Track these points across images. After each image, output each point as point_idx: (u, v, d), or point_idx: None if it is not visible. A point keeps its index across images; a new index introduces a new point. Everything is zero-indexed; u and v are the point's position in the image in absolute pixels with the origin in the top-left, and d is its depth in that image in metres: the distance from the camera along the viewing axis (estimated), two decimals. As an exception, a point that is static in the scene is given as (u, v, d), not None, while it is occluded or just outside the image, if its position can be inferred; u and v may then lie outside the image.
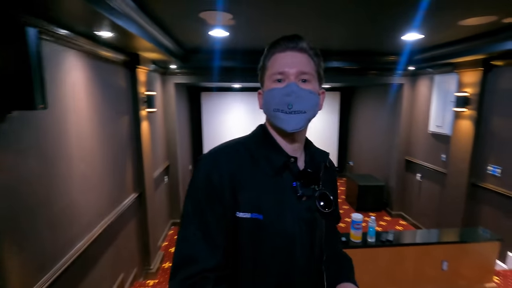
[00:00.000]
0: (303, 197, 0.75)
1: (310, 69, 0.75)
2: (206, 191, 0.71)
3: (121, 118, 2.72)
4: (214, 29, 2.62)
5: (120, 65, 2.73)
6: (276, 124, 0.74)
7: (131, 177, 2.93)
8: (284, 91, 0.72)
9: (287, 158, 0.76)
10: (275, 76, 0.74)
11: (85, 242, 2.01)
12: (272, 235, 0.71)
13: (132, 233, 2.98)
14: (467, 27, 2.54)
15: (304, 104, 0.73)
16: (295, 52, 0.74)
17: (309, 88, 0.74)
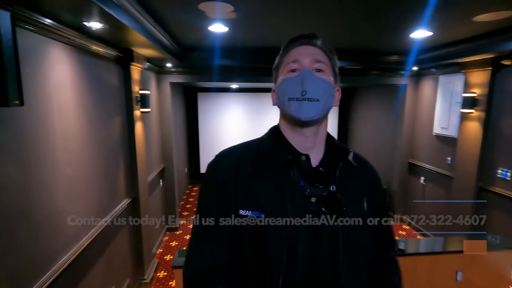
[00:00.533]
0: (312, 197, 0.69)
1: (324, 59, 0.74)
2: (211, 190, 0.73)
3: (112, 118, 2.54)
4: (213, 23, 2.46)
5: (112, 61, 2.55)
6: (290, 113, 0.70)
7: (123, 182, 2.74)
8: (297, 78, 0.70)
9: (296, 155, 0.72)
10: (289, 66, 0.73)
11: (72, 254, 1.81)
12: (271, 235, 0.67)
13: (124, 242, 2.78)
14: (479, 24, 2.41)
15: (318, 92, 0.69)
16: (309, 46, 0.74)
17: (322, 77, 0.71)
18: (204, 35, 2.80)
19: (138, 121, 2.93)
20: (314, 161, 0.73)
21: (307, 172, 0.71)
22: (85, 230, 2.02)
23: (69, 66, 1.87)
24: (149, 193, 3.53)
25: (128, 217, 2.85)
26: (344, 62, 3.96)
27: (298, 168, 0.71)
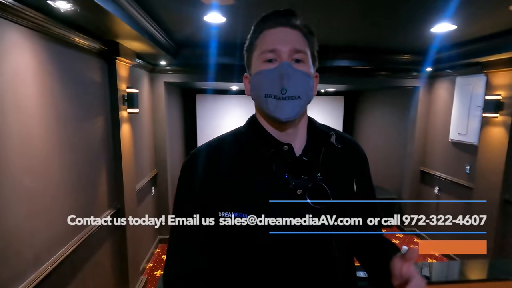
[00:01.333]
0: (297, 190, 0.65)
1: (304, 47, 0.66)
2: (187, 192, 0.68)
3: (92, 119, 2.22)
4: (209, 12, 2.16)
5: (94, 54, 2.25)
6: (268, 112, 0.65)
7: (105, 191, 2.42)
8: (276, 73, 0.63)
9: (277, 146, 0.67)
10: (265, 55, 0.65)
11: (30, 283, 1.48)
12: (258, 235, 0.62)
13: (106, 259, 2.45)
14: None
15: (299, 88, 0.63)
16: (287, 29, 0.66)
17: (303, 69, 0.65)
18: (199, 27, 2.50)
19: (124, 123, 2.62)
20: (297, 150, 0.69)
21: (291, 163, 0.67)
22: (49, 252, 1.69)
23: (32, 55, 1.56)
24: (138, 202, 3.21)
25: (111, 230, 2.52)
26: (349, 61, 3.66)
27: (280, 160, 0.66)
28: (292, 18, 0.67)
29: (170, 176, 4.23)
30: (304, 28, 0.68)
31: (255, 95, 0.67)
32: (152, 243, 3.88)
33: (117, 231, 2.63)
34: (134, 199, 2.93)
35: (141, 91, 3.32)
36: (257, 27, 0.69)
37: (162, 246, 4.06)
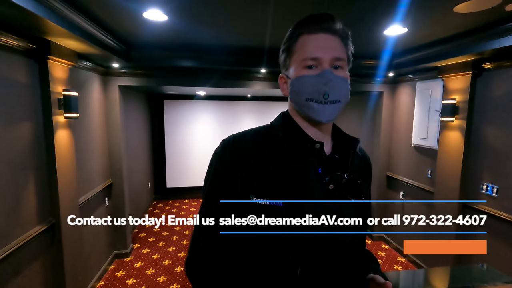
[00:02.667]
0: (330, 184, 0.69)
1: (343, 54, 0.70)
2: (220, 178, 0.71)
3: (14, 124, 1.98)
4: (147, 9, 2.00)
5: (19, 53, 2.03)
6: (309, 114, 0.70)
7: (34, 205, 2.16)
8: (319, 80, 0.67)
9: (311, 143, 0.71)
10: (307, 62, 0.68)
11: None
12: (292, 223, 0.65)
13: (34, 284, 2.18)
14: (460, 17, 2.09)
15: (340, 93, 0.69)
16: (328, 35, 0.68)
17: (342, 76, 0.69)
18: (140, 24, 2.33)
19: (61, 129, 2.39)
20: (326, 149, 0.74)
21: (324, 160, 0.71)
22: None
23: None
24: (85, 215, 2.94)
25: (42, 250, 2.25)
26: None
27: (314, 156, 0.70)
28: (332, 23, 0.68)
29: (128, 186, 3.97)
30: (342, 33, 0.70)
31: (295, 98, 0.71)
32: (106, 259, 3.59)
33: (51, 248, 2.36)
34: (76, 211, 2.67)
35: (89, 95, 3.09)
36: (296, 30, 0.70)
37: (118, 262, 3.77)
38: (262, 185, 0.67)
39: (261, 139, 0.72)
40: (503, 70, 2.62)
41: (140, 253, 4.00)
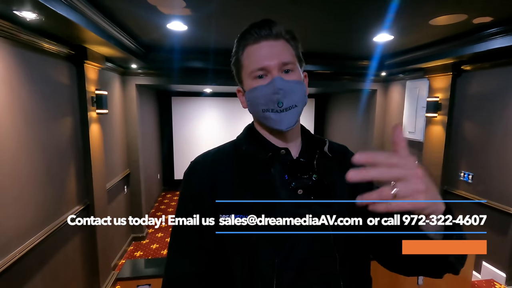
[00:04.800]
0: (298, 189, 0.66)
1: (290, 56, 0.67)
2: (188, 199, 0.69)
3: (61, 119, 2.36)
4: (171, 21, 2.37)
5: (62, 58, 2.39)
6: (269, 125, 0.68)
7: (74, 187, 2.55)
8: (270, 89, 0.65)
9: (275, 151, 0.69)
10: (256, 73, 0.67)
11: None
12: (260, 237, 0.62)
13: (76, 252, 2.57)
14: (437, 28, 2.45)
15: (294, 98, 0.66)
16: (270, 41, 0.66)
17: (294, 79, 0.67)
18: (163, 34, 2.69)
19: (94, 123, 2.76)
20: (294, 153, 0.72)
21: (289, 165, 0.69)
22: (18, 241, 1.82)
23: (0, 61, 1.71)
24: (110, 199, 3.34)
25: (80, 226, 2.65)
26: (316, 66, 3.97)
27: (279, 163, 0.68)
28: (272, 28, 0.67)
29: (143, 176, 4.36)
30: (286, 35, 0.68)
31: (252, 111, 0.70)
32: (125, 241, 3.99)
33: (87, 227, 2.76)
34: (105, 196, 3.06)
35: (112, 93, 3.46)
36: (240, 43, 0.69)
37: (135, 244, 4.18)
38: (228, 201, 0.65)
39: (225, 155, 0.72)
40: (480, 72, 2.99)
41: (155, 236, 4.40)
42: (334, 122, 6.64)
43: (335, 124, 6.59)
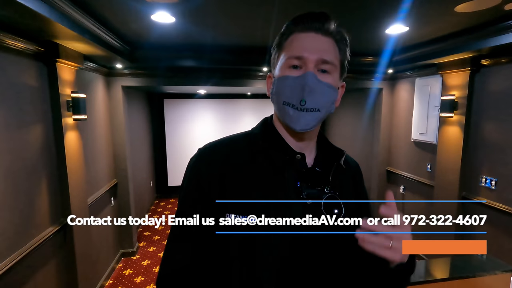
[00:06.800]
0: (308, 199, 0.63)
1: (333, 57, 0.63)
2: (193, 189, 0.65)
3: (27, 127, 2.01)
4: (156, 11, 2.03)
5: (30, 57, 2.04)
6: (284, 120, 0.64)
7: (46, 206, 2.20)
8: (298, 82, 0.61)
9: (291, 154, 0.65)
10: (291, 61, 0.62)
11: None
12: (263, 242, 0.60)
13: (49, 283, 2.22)
14: (462, 16, 2.15)
15: (320, 101, 0.62)
16: (319, 35, 0.62)
17: (328, 82, 0.62)
18: (148, 27, 2.36)
19: (70, 130, 2.41)
20: (308, 160, 0.69)
21: (304, 173, 0.66)
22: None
23: None
24: (94, 215, 2.98)
25: (55, 250, 2.29)
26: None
27: (293, 169, 0.65)
28: (325, 23, 0.63)
29: (133, 185, 4.01)
30: (337, 35, 0.64)
31: (274, 99, 0.66)
32: (113, 258, 3.63)
33: (63, 248, 2.40)
34: (86, 212, 2.71)
35: (94, 96, 3.11)
36: (288, 28, 0.65)
37: (124, 260, 3.82)
38: (236, 199, 0.62)
39: (238, 148, 0.67)
40: (501, 67, 2.70)
41: (146, 251, 4.04)
42: (335, 123, 6.34)
43: (336, 126, 6.28)
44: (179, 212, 0.66)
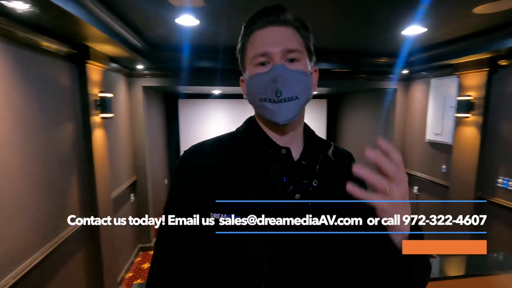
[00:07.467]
0: (296, 194, 0.62)
1: (297, 45, 0.63)
2: (179, 191, 0.64)
3: (61, 124, 2.14)
4: (181, 14, 2.13)
5: (63, 58, 2.18)
6: (264, 116, 0.63)
7: (76, 200, 2.33)
8: (269, 76, 0.60)
9: (275, 149, 0.65)
10: (257, 59, 0.62)
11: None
12: (251, 240, 0.58)
13: (79, 270, 2.35)
14: (480, 18, 2.17)
15: (295, 88, 0.61)
16: (277, 27, 0.63)
17: (298, 68, 0.62)
18: (172, 29, 2.46)
19: (97, 128, 2.54)
20: (295, 154, 0.67)
21: (289, 167, 0.65)
22: (12, 264, 1.60)
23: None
24: (116, 209, 3.12)
25: (84, 241, 2.42)
26: (330, 64, 3.71)
27: (279, 163, 0.64)
28: (281, 14, 0.63)
29: (151, 183, 4.14)
30: (296, 23, 0.64)
31: (250, 100, 0.66)
32: (132, 252, 3.77)
33: (90, 240, 2.53)
34: (110, 206, 2.84)
35: (117, 96, 3.24)
36: (247, 29, 0.66)
37: (142, 254, 3.95)
38: (221, 198, 0.61)
39: (223, 148, 0.67)
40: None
41: (163, 246, 4.17)
42: (348, 124, 6.35)
43: (349, 126, 6.30)
44: (167, 211, 0.64)
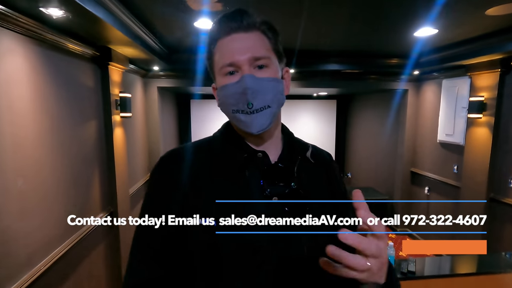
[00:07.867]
0: (273, 197, 0.61)
1: (264, 50, 0.60)
2: (154, 197, 0.64)
3: (85, 122, 2.26)
4: (199, 18, 2.23)
5: (87, 60, 2.30)
6: (239, 127, 0.62)
7: (98, 194, 2.45)
8: (238, 88, 0.59)
9: (251, 153, 0.64)
10: (225, 69, 0.60)
11: (24, 282, 1.51)
12: (228, 246, 0.57)
13: (99, 262, 2.47)
14: (492, 19, 2.20)
15: (266, 98, 0.60)
16: (242, 33, 0.60)
17: (268, 76, 0.60)
18: (190, 32, 2.57)
19: (117, 127, 2.66)
20: (273, 157, 0.65)
21: (266, 170, 0.63)
22: (43, 253, 1.71)
23: (26, 60, 1.61)
24: (132, 205, 3.24)
25: (104, 234, 2.54)
26: (340, 65, 3.75)
27: (255, 167, 0.63)
28: (244, 19, 0.59)
29: (164, 180, 4.26)
30: (261, 26, 0.61)
31: (224, 110, 0.64)
32: (146, 247, 3.89)
33: (111, 233, 2.65)
34: (128, 202, 2.95)
35: (134, 96, 3.37)
36: (211, 37, 0.63)
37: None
38: (196, 204, 0.59)
39: (200, 152, 0.66)
40: (532, 68, 2.70)
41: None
42: (358, 125, 6.36)
43: (359, 127, 6.31)
44: (142, 215, 0.62)
